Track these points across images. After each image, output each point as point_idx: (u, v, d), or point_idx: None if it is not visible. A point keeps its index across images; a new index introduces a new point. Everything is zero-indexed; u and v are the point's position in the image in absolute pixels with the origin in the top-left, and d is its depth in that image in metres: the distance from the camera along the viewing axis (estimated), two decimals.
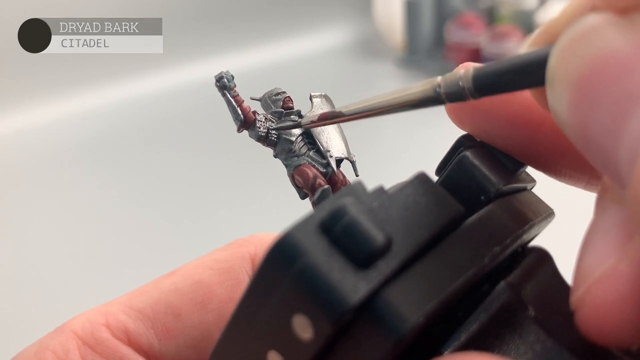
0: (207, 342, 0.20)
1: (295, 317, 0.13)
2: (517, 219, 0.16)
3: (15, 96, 0.91)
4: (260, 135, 0.20)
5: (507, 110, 0.17)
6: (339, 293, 0.12)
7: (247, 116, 0.21)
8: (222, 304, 0.20)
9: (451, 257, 0.14)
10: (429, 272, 0.13)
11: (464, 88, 0.14)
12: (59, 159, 0.84)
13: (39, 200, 0.75)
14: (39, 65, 0.92)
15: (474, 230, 0.14)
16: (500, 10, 0.99)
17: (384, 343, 0.12)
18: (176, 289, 0.20)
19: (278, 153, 0.21)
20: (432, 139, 0.72)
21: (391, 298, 0.12)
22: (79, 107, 0.93)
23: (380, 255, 0.12)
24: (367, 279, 0.12)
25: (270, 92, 0.22)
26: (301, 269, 0.12)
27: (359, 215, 0.13)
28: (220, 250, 0.22)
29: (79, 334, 0.19)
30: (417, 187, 0.14)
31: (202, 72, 1.01)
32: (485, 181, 0.16)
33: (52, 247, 0.66)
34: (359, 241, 0.12)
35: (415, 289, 0.13)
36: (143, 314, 0.20)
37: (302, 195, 0.21)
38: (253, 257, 0.21)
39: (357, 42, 1.11)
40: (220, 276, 0.21)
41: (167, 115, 0.93)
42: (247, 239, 0.22)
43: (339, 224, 0.12)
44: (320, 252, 0.12)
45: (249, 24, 1.03)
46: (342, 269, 0.12)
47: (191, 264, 0.21)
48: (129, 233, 0.67)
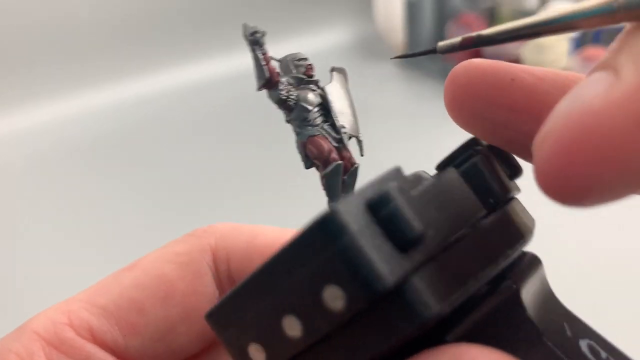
0: (172, 336, 0.20)
1: (328, 287, 0.13)
2: (523, 225, 0.17)
3: (15, 96, 0.90)
4: (281, 98, 0.20)
5: (508, 96, 0.17)
6: (378, 272, 0.13)
7: (272, 76, 0.20)
8: (185, 298, 0.20)
9: (472, 254, 0.15)
10: (454, 265, 0.14)
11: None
12: (59, 159, 0.84)
13: (39, 200, 0.75)
14: (39, 65, 0.92)
15: (491, 231, 0.16)
16: (501, 10, 0.99)
17: (407, 325, 0.13)
18: (137, 284, 0.20)
19: (292, 119, 0.21)
20: (431, 130, 0.72)
21: (420, 284, 0.13)
22: (78, 108, 0.93)
23: (417, 243, 0.13)
24: (404, 263, 0.13)
25: (293, 56, 0.21)
26: (346, 245, 0.13)
27: (403, 203, 0.13)
28: (179, 242, 0.21)
29: (42, 335, 0.18)
30: (449, 183, 0.16)
31: (202, 73, 1.01)
32: (496, 186, 0.17)
33: (51, 247, 0.66)
34: (402, 227, 0.13)
35: (441, 280, 0.14)
36: (106, 310, 0.19)
37: (308, 165, 0.20)
38: (213, 248, 0.21)
39: (357, 42, 1.11)
40: (182, 270, 0.20)
41: (167, 115, 0.93)
42: (205, 229, 0.22)
43: (385, 208, 0.13)
44: (365, 231, 0.13)
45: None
46: (383, 250, 0.13)
47: (150, 256, 0.21)
48: (129, 233, 0.67)
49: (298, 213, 0.75)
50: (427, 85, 0.97)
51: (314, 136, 0.20)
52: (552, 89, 0.17)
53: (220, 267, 0.21)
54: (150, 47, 0.99)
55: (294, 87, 0.20)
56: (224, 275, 0.21)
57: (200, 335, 0.21)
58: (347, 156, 0.20)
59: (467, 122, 0.18)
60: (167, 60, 1.01)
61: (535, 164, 0.12)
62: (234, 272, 0.21)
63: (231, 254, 0.21)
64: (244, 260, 0.21)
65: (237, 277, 0.21)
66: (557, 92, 0.17)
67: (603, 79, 0.12)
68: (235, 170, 0.77)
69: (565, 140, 0.11)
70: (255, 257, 0.21)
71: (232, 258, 0.21)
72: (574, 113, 0.11)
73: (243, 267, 0.21)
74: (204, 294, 0.21)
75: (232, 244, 0.21)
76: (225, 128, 0.88)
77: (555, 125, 0.12)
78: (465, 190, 0.16)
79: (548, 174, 0.12)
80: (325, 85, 0.21)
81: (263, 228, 0.22)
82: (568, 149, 0.11)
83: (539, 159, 0.12)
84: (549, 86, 0.17)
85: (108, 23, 0.97)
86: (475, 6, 1.01)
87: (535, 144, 0.12)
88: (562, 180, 0.11)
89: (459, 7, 1.01)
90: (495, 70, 0.17)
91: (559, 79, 0.17)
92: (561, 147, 0.11)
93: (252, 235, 0.22)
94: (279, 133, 0.97)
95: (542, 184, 0.12)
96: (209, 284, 0.21)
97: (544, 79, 0.17)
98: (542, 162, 0.12)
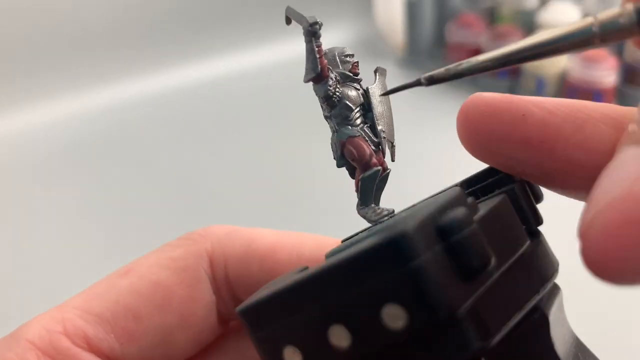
0: (169, 342, 0.20)
1: (389, 306, 0.13)
2: (553, 255, 0.17)
3: (15, 96, 0.90)
4: (328, 94, 0.20)
5: (519, 132, 0.17)
6: (445, 299, 0.13)
7: (323, 70, 0.20)
8: (182, 304, 0.20)
9: (520, 285, 0.15)
10: (507, 295, 0.15)
11: (624, 25, 0.14)
12: (59, 159, 0.84)
13: (39, 200, 0.75)
14: (39, 65, 0.92)
15: (534, 261, 0.16)
16: (501, 10, 0.99)
17: (460, 355, 0.13)
18: (133, 290, 0.20)
19: (333, 116, 0.20)
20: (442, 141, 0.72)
21: (479, 315, 0.14)
22: (78, 108, 0.93)
23: (481, 272, 0.14)
24: (468, 292, 0.13)
25: (341, 51, 0.21)
26: (416, 268, 0.13)
27: (473, 232, 0.14)
28: (175, 247, 0.21)
29: (37, 344, 0.18)
30: (503, 211, 0.16)
31: (202, 73, 1.01)
32: (531, 214, 0.17)
33: (51, 246, 0.66)
34: (470, 257, 0.14)
35: (496, 311, 0.14)
36: (102, 318, 0.19)
37: (341, 164, 0.20)
38: (210, 253, 0.21)
39: (358, 42, 1.11)
40: (178, 276, 0.20)
41: (167, 115, 0.93)
42: (200, 233, 0.22)
43: (456, 235, 0.13)
44: (435, 257, 0.13)
45: (249, 24, 1.03)
46: (450, 276, 0.13)
47: (145, 262, 0.21)
48: (128, 232, 0.67)
49: (295, 215, 0.75)
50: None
51: (354, 137, 0.20)
52: (564, 123, 0.17)
53: (218, 272, 0.21)
54: (150, 48, 0.99)
55: (339, 83, 0.20)
56: (221, 281, 0.21)
57: (197, 340, 0.21)
58: (380, 160, 0.20)
59: (481, 156, 0.18)
60: (166, 61, 1.00)
61: (583, 250, 0.12)
62: (232, 277, 0.21)
63: (228, 258, 0.21)
64: (241, 264, 0.21)
65: (234, 281, 0.21)
66: (568, 126, 0.17)
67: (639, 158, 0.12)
68: (235, 170, 0.77)
69: (612, 230, 0.12)
70: (253, 262, 0.21)
71: (229, 263, 0.21)
72: (616, 202, 0.12)
73: (241, 271, 0.21)
74: (200, 300, 0.20)
75: (230, 248, 0.21)
76: (225, 128, 0.88)
77: (599, 213, 0.12)
78: (514, 218, 0.16)
79: (598, 262, 0.12)
80: (369, 86, 0.20)
81: (260, 231, 0.22)
82: (615, 238, 0.12)
83: (587, 247, 0.12)
84: (560, 120, 0.17)
85: (108, 23, 0.97)
86: (475, 6, 1.01)
87: (581, 230, 0.13)
88: (612, 267, 0.12)
89: (459, 7, 1.00)
90: (506, 106, 0.17)
91: (570, 111, 0.17)
92: (608, 237, 0.12)
93: (250, 239, 0.21)
94: (277, 134, 0.97)
95: (593, 269, 0.12)
96: (205, 290, 0.21)
97: (555, 113, 0.17)
98: (590, 251, 0.12)
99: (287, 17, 0.20)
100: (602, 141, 0.16)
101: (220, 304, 0.21)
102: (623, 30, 0.14)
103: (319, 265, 0.15)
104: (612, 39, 0.14)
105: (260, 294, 0.16)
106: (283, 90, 0.27)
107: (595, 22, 0.14)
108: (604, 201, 0.12)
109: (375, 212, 0.19)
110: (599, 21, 0.14)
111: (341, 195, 0.23)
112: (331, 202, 0.50)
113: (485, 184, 0.18)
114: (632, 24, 0.14)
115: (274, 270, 0.21)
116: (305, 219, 0.66)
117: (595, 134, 0.16)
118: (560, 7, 0.90)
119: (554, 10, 0.90)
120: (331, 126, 0.20)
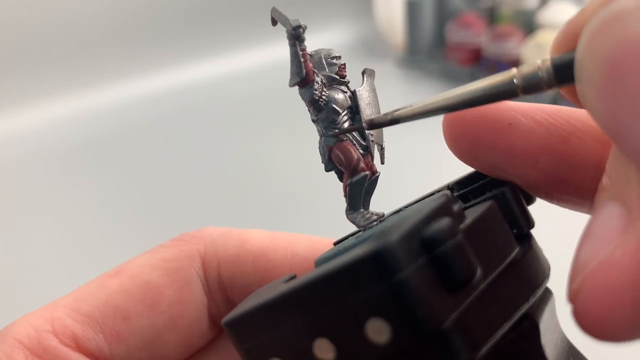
0: (158, 344, 0.20)
1: (373, 320, 0.13)
2: (545, 260, 0.17)
3: (15, 96, 0.90)
4: (314, 98, 0.19)
5: (506, 140, 0.17)
6: (429, 313, 0.13)
7: (308, 74, 0.19)
8: (171, 306, 0.20)
9: (509, 294, 0.15)
10: (494, 306, 0.14)
11: (542, 78, 0.14)
12: (58, 159, 0.84)
13: (39, 200, 0.75)
14: (39, 65, 0.92)
15: (524, 269, 0.16)
16: (501, 10, 0.99)
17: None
18: (123, 291, 0.19)
19: (319, 120, 0.20)
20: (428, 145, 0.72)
21: (464, 327, 0.13)
22: (78, 108, 0.93)
23: (466, 284, 0.13)
24: (453, 304, 0.13)
25: (328, 53, 0.20)
26: (399, 283, 0.13)
27: (458, 244, 0.13)
28: (167, 248, 0.21)
29: (24, 343, 0.18)
30: (491, 218, 0.16)
31: (202, 73, 1.01)
32: (522, 218, 0.17)
33: (49, 246, 0.66)
34: (455, 269, 0.13)
35: (482, 322, 0.14)
36: (91, 318, 0.19)
37: (329, 168, 0.20)
38: (202, 255, 0.21)
39: (358, 42, 1.11)
40: (169, 277, 0.20)
41: (166, 116, 0.93)
42: (194, 234, 0.21)
43: (440, 248, 0.13)
44: (419, 270, 0.13)
45: (249, 25, 1.02)
46: (434, 289, 0.13)
47: (137, 262, 0.20)
48: (127, 232, 0.67)
49: (288, 216, 0.75)
50: (427, 84, 0.97)
51: (342, 142, 0.19)
52: (549, 134, 0.17)
53: (210, 274, 0.21)
54: (149, 48, 0.99)
55: (325, 86, 0.20)
56: (213, 282, 0.21)
57: (186, 343, 0.20)
58: (369, 163, 0.20)
59: (467, 161, 0.18)
60: (166, 61, 1.00)
61: (575, 314, 0.13)
62: (225, 278, 0.21)
63: (222, 259, 0.21)
64: (235, 265, 0.21)
65: (228, 283, 0.21)
66: (553, 138, 0.17)
67: (616, 218, 0.13)
68: (230, 172, 0.77)
69: (598, 297, 0.12)
70: (247, 262, 0.21)
71: (222, 264, 0.21)
72: (599, 270, 0.13)
73: (234, 272, 0.21)
74: (191, 302, 0.20)
75: (223, 249, 0.21)
76: (220, 130, 0.88)
77: (585, 281, 0.13)
78: (502, 225, 0.16)
79: (590, 326, 0.13)
80: (357, 89, 0.20)
81: (253, 232, 0.21)
82: (602, 304, 0.12)
83: (578, 312, 0.13)
84: (545, 130, 0.17)
85: (108, 23, 0.97)
86: (475, 6, 1.01)
87: (570, 297, 0.13)
88: (603, 330, 0.13)
89: (459, 7, 1.00)
90: (492, 113, 0.17)
91: (557, 122, 0.17)
92: (595, 303, 0.12)
93: (243, 239, 0.21)
94: (271, 136, 0.97)
95: (587, 332, 0.13)
96: (197, 292, 0.20)
97: (541, 123, 0.17)
98: (581, 316, 0.13)
99: (273, 18, 0.20)
100: (587, 156, 0.16)
101: (212, 306, 0.21)
102: (542, 83, 0.14)
103: (304, 277, 0.15)
104: (533, 90, 0.15)
105: (245, 306, 0.16)
106: (278, 92, 0.27)
107: (517, 75, 0.15)
108: (588, 268, 0.13)
109: (364, 217, 0.19)
110: (520, 74, 0.15)
111: (334, 196, 0.23)
112: (324, 203, 0.50)
113: (476, 186, 0.18)
114: (550, 78, 0.14)
115: (267, 270, 0.20)
116: (298, 220, 0.66)
117: (581, 147, 0.16)
118: (560, 7, 0.90)
119: (554, 10, 0.90)
120: (318, 130, 0.20)
